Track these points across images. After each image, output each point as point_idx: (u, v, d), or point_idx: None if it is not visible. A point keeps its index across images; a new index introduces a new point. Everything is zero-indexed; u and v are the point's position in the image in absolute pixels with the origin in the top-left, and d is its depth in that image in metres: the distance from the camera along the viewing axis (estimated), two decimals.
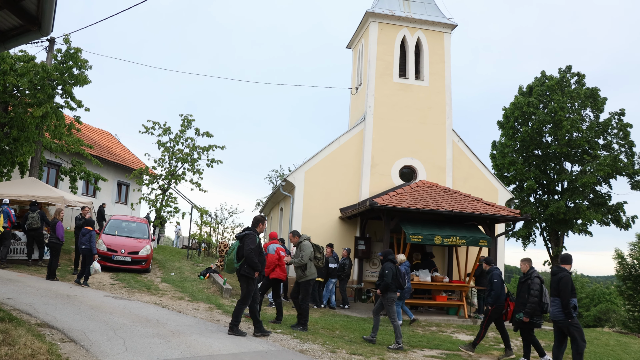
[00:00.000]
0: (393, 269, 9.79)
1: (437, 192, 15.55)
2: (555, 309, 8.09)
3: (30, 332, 6.46)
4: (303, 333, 9.32)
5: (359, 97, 19.09)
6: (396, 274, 9.86)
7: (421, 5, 18.97)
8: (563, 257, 8.50)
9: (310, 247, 9.84)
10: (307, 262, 9.72)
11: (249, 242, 8.21)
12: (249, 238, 8.24)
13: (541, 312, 8.69)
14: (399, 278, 9.95)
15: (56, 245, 12.65)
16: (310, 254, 9.76)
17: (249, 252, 8.11)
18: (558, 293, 8.01)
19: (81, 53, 17.05)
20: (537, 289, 8.56)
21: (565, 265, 8.31)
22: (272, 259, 10.25)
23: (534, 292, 8.56)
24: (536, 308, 8.57)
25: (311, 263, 9.79)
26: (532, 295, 8.57)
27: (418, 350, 9.19)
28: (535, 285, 8.59)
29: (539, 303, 8.58)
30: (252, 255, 8.12)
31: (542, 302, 8.61)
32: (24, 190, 15.22)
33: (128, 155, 29.59)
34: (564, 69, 28.85)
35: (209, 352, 6.80)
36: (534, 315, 8.59)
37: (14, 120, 16.19)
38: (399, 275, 9.98)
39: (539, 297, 8.56)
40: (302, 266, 9.73)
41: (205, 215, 22.29)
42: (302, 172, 17.17)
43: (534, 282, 8.62)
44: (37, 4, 5.75)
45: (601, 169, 25.61)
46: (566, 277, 8.01)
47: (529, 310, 8.55)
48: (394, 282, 9.74)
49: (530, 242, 29.58)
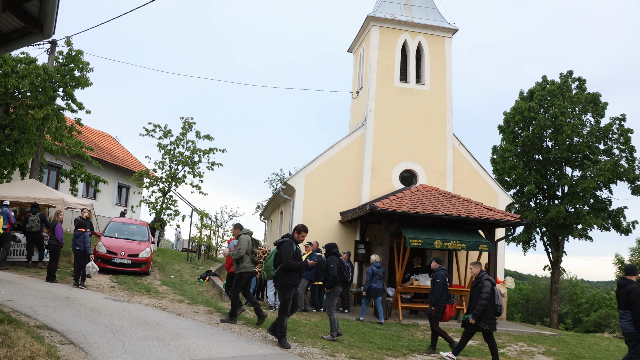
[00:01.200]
0: (337, 262, 10.20)
1: (438, 196, 15.55)
2: (625, 321, 8.03)
3: (30, 334, 6.45)
4: (302, 336, 9.30)
5: (360, 101, 19.11)
6: (340, 267, 10.26)
7: (422, 9, 19.01)
8: (628, 268, 8.50)
9: (246, 241, 9.90)
10: (244, 255, 9.76)
11: (285, 250, 8.09)
12: (285, 246, 8.14)
13: (494, 315, 8.69)
14: (343, 272, 10.31)
15: (55, 247, 12.64)
16: (246, 247, 9.83)
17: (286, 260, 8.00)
18: (628, 305, 7.94)
19: (82, 55, 17.08)
20: (487, 292, 8.59)
21: (631, 276, 8.25)
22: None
23: (483, 294, 8.58)
24: (485, 311, 8.58)
25: (247, 257, 9.84)
26: (481, 297, 8.59)
27: (417, 355, 9.17)
28: (485, 288, 8.62)
29: (492, 305, 8.62)
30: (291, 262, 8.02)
31: (494, 304, 8.65)
32: (24, 192, 15.22)
33: (129, 157, 29.61)
34: (565, 74, 28.89)
35: (208, 355, 6.79)
36: (482, 318, 8.60)
37: (15, 122, 16.21)
38: (343, 268, 10.34)
39: (488, 300, 8.57)
40: (238, 259, 9.81)
41: (205, 218, 22.31)
42: (302, 176, 17.17)
43: (485, 285, 8.65)
44: (39, 7, 5.77)
45: (602, 174, 25.60)
46: (636, 289, 7.91)
47: (477, 313, 8.58)
48: (338, 276, 10.09)
49: (530, 246, 29.54)
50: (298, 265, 8.09)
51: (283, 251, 8.11)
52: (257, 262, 10.10)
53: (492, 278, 8.83)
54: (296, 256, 8.15)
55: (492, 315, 8.64)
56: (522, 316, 44.70)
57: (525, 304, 48.25)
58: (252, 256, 9.90)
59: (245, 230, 10.14)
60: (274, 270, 8.21)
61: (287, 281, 8.08)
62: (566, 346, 12.17)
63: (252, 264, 9.91)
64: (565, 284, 46.34)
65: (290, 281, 8.09)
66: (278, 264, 8.18)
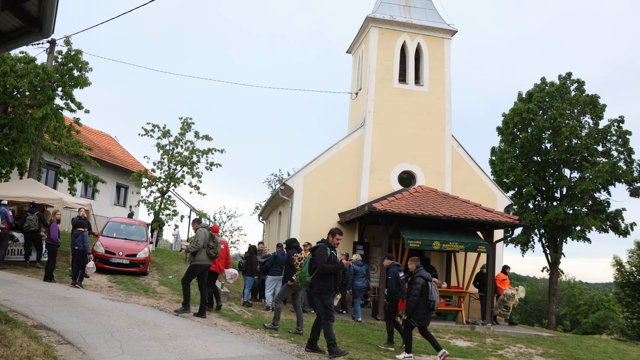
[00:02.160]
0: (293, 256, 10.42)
1: (436, 197, 15.55)
2: None
3: (27, 333, 6.43)
4: (300, 337, 9.29)
5: (359, 102, 19.12)
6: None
7: (422, 11, 19.02)
8: None
9: (203, 234, 10.17)
10: (200, 248, 10.05)
11: (320, 254, 7.97)
12: (320, 251, 8.02)
13: (428, 310, 8.87)
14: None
15: (52, 246, 12.61)
16: (203, 240, 10.10)
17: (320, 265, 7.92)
18: None
19: (82, 55, 17.07)
20: (418, 289, 8.78)
21: None
22: None
23: (414, 291, 8.80)
24: (416, 307, 8.78)
25: (203, 250, 10.12)
26: (412, 294, 8.82)
27: (416, 356, 9.17)
28: (417, 285, 8.82)
29: (425, 301, 8.81)
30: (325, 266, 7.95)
31: (428, 300, 8.82)
32: (23, 192, 15.19)
33: (127, 157, 29.58)
34: (564, 76, 28.91)
35: (205, 356, 6.78)
36: (413, 315, 8.79)
37: (14, 121, 16.19)
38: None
39: (419, 297, 8.76)
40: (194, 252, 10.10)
41: (203, 218, 22.29)
42: (301, 177, 17.16)
43: (416, 282, 8.86)
44: (39, 6, 5.77)
45: (600, 176, 25.63)
46: None
47: (409, 309, 8.84)
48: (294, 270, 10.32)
49: (528, 248, 29.54)
50: (332, 267, 7.94)
51: (317, 256, 7.96)
52: (212, 256, 10.30)
53: (425, 274, 9.00)
54: (330, 260, 8.04)
55: (425, 312, 8.85)
56: (520, 318, 44.69)
57: (524, 305, 48.24)
58: (208, 250, 10.15)
59: (203, 225, 10.43)
60: (310, 276, 8.00)
61: (322, 287, 7.92)
62: (564, 348, 12.18)
63: (208, 258, 10.20)
64: (564, 286, 46.40)
65: (325, 287, 7.93)
66: (313, 270, 8.01)
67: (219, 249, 10.47)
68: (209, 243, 10.18)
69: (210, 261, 10.31)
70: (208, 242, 10.18)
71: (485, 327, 13.88)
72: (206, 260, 10.19)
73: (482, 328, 13.76)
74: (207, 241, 10.16)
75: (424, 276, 8.91)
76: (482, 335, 12.93)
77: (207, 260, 10.22)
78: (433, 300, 8.81)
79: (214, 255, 10.32)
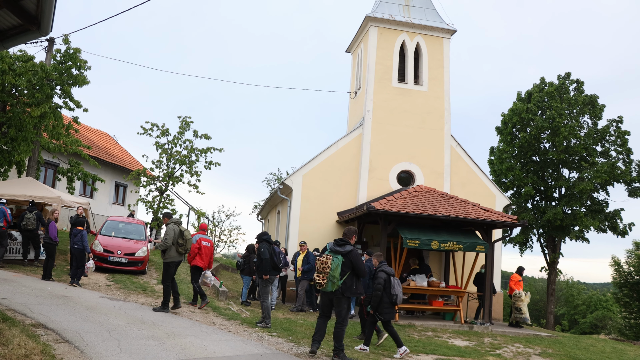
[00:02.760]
0: (268, 249, 10.42)
1: (435, 197, 15.56)
2: None
3: (25, 332, 6.43)
4: (298, 336, 9.29)
5: (358, 101, 19.11)
6: (272, 254, 10.44)
7: (421, 10, 19.02)
8: None
9: (172, 231, 10.04)
10: (170, 245, 9.95)
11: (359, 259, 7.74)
12: (357, 255, 7.75)
13: (391, 305, 9.00)
14: (274, 258, 10.50)
15: (50, 245, 12.61)
16: (172, 237, 9.98)
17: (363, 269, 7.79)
18: None
19: (80, 53, 17.04)
20: (380, 283, 8.95)
21: None
22: (194, 248, 11.30)
23: (377, 286, 8.97)
24: (379, 301, 8.95)
25: (173, 247, 10.00)
26: (375, 289, 8.98)
27: (414, 355, 9.17)
28: (379, 279, 8.99)
29: (388, 295, 8.96)
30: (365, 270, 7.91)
31: (390, 294, 8.96)
32: (21, 190, 15.17)
33: (126, 156, 29.55)
34: (563, 76, 28.93)
35: (203, 355, 6.78)
36: (378, 309, 8.97)
37: (12, 120, 16.16)
38: (274, 255, 10.52)
39: (382, 291, 8.93)
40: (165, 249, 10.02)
41: (202, 217, 22.27)
42: (299, 176, 17.16)
43: (378, 277, 9.03)
44: (37, 4, 5.75)
45: (599, 176, 25.64)
46: None
47: (373, 304, 9.03)
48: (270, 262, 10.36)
49: (527, 248, 29.57)
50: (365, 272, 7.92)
51: (357, 260, 7.67)
52: (182, 252, 10.22)
53: (388, 269, 9.18)
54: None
55: (389, 305, 9.00)
56: None
57: None
58: (177, 247, 10.05)
59: (173, 220, 10.30)
60: (341, 280, 7.59)
61: (356, 291, 7.76)
62: (562, 347, 12.19)
63: (178, 254, 10.12)
64: (562, 286, 46.45)
65: (359, 290, 7.84)
66: (344, 274, 7.59)
67: (189, 245, 10.38)
68: (178, 240, 10.07)
69: (181, 257, 10.24)
70: (177, 239, 10.06)
71: (484, 326, 13.89)
72: (177, 257, 10.12)
73: (481, 328, 13.78)
74: (176, 238, 10.04)
75: (386, 271, 9.14)
76: (480, 334, 12.94)
77: (178, 257, 10.16)
78: (395, 295, 8.99)
79: (184, 252, 10.26)
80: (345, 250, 7.65)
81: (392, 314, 9.05)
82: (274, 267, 10.47)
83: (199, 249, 11.45)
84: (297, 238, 16.27)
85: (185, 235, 10.24)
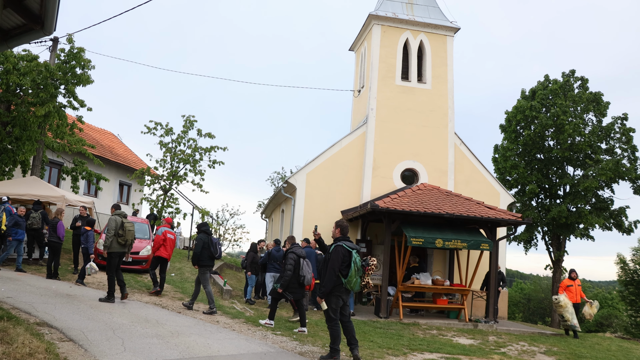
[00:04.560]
0: (204, 239, 10.78)
1: (439, 195, 15.52)
2: None
3: (29, 330, 6.44)
4: (303, 335, 9.29)
5: (361, 99, 19.08)
6: (208, 244, 10.78)
7: (424, 8, 18.96)
8: None
9: (114, 222, 10.20)
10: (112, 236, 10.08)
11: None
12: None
13: (299, 285, 9.78)
14: (210, 248, 10.82)
15: (56, 244, 12.66)
16: (113, 229, 10.13)
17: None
18: None
19: (84, 53, 17.08)
20: (291, 264, 9.72)
21: None
22: (159, 239, 12.01)
23: (287, 266, 9.74)
24: (290, 281, 9.71)
25: (114, 238, 10.12)
26: (286, 269, 9.76)
27: (418, 354, 9.16)
28: (289, 261, 9.76)
29: (296, 277, 9.73)
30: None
31: (299, 275, 9.75)
32: (26, 189, 15.23)
33: (130, 155, 29.62)
34: (567, 73, 28.79)
35: (207, 353, 6.78)
36: (288, 289, 9.72)
37: (17, 119, 16.21)
38: (210, 245, 10.84)
39: (292, 271, 9.69)
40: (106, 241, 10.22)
41: (206, 216, 22.31)
42: (303, 174, 17.15)
43: (288, 259, 9.80)
44: (40, 3, 5.75)
45: (603, 174, 25.50)
46: None
47: (283, 283, 9.72)
48: (205, 252, 10.69)
49: (531, 246, 29.46)
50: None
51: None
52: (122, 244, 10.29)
53: (298, 251, 9.93)
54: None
55: (297, 286, 9.78)
56: (523, 316, 44.66)
57: (527, 303, 48.19)
58: (117, 238, 10.16)
59: (117, 212, 10.46)
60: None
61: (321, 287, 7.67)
62: (567, 346, 12.14)
63: (119, 245, 10.23)
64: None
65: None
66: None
67: (129, 236, 10.42)
68: (118, 231, 10.17)
69: (123, 248, 10.34)
70: (118, 230, 10.17)
71: (488, 325, 13.86)
72: (117, 248, 10.23)
73: (485, 326, 13.75)
74: (117, 229, 10.16)
75: (297, 252, 9.86)
76: (485, 333, 12.91)
77: (119, 248, 10.26)
78: (303, 276, 9.71)
79: (124, 243, 10.33)
80: (356, 247, 7.58)
81: (300, 294, 9.83)
82: (210, 257, 10.86)
83: (163, 241, 12.04)
84: (301, 236, 16.26)
85: (125, 227, 10.34)
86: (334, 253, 7.34)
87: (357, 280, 7.25)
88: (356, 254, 7.28)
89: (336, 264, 7.24)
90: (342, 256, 7.25)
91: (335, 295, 7.29)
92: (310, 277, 9.93)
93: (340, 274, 7.23)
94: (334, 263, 7.25)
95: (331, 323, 7.34)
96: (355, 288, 7.30)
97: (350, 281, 7.21)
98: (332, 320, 7.32)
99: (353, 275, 7.20)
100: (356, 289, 7.31)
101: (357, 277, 7.24)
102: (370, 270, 7.39)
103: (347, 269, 7.21)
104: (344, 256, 7.25)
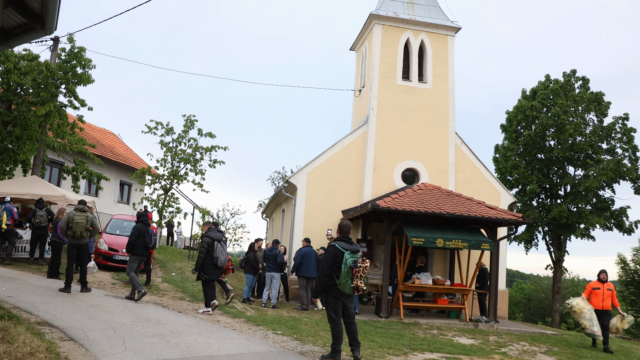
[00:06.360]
0: (140, 229, 11.07)
1: (440, 195, 15.51)
2: None
3: (30, 330, 6.45)
4: (303, 335, 9.29)
5: (362, 99, 19.08)
6: (143, 234, 11.08)
7: (425, 8, 18.95)
8: None
9: (67, 216, 10.70)
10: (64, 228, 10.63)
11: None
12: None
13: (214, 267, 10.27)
14: (145, 238, 11.11)
15: (57, 244, 12.66)
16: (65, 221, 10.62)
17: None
18: None
19: (85, 52, 17.09)
20: (204, 246, 10.24)
21: None
22: None
23: (201, 249, 10.26)
24: (204, 263, 10.23)
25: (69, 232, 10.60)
26: (200, 251, 10.27)
27: (419, 354, 9.15)
28: (203, 244, 10.29)
29: (210, 258, 10.21)
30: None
31: (212, 257, 10.23)
32: (26, 189, 15.24)
33: (131, 155, 29.63)
34: (568, 73, 28.77)
35: (208, 353, 6.78)
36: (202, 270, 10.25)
37: (17, 119, 16.23)
38: (146, 235, 11.13)
39: (204, 253, 10.19)
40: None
41: (207, 215, 22.30)
42: (304, 174, 17.14)
43: (203, 242, 10.34)
44: (41, 3, 5.75)
45: (604, 174, 25.48)
46: None
47: (197, 265, 10.32)
48: (140, 241, 10.98)
49: (532, 246, 29.46)
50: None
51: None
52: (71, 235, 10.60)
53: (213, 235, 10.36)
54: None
55: (211, 267, 10.28)
56: (524, 316, 44.65)
57: (527, 303, 48.19)
58: (67, 230, 10.57)
59: (76, 207, 10.81)
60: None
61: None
62: (568, 346, 12.14)
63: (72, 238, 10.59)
64: (568, 284, 46.23)
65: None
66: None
67: (77, 228, 10.61)
68: (69, 224, 10.58)
69: (73, 240, 10.64)
70: (70, 224, 10.57)
71: (489, 324, 13.86)
72: (71, 240, 10.64)
73: (486, 326, 13.74)
74: (69, 222, 10.57)
75: (211, 236, 10.30)
76: (485, 333, 12.90)
77: (72, 240, 10.63)
78: (217, 257, 10.22)
79: (72, 235, 10.61)
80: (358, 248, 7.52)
81: (215, 275, 10.35)
82: (144, 247, 11.13)
83: None
84: (302, 236, 16.26)
85: (74, 220, 10.61)
86: (325, 253, 7.33)
87: (347, 281, 7.04)
88: (349, 255, 7.09)
89: (325, 264, 7.20)
90: (332, 257, 7.15)
91: (332, 296, 7.26)
92: (225, 259, 10.45)
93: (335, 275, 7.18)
94: (323, 263, 7.24)
95: (332, 323, 7.33)
96: (346, 290, 7.08)
97: (340, 282, 7.08)
98: (332, 320, 7.31)
99: (343, 277, 7.04)
100: (347, 291, 7.09)
101: (347, 279, 7.04)
102: (359, 273, 7.05)
103: (339, 270, 7.11)
104: (336, 257, 7.14)
